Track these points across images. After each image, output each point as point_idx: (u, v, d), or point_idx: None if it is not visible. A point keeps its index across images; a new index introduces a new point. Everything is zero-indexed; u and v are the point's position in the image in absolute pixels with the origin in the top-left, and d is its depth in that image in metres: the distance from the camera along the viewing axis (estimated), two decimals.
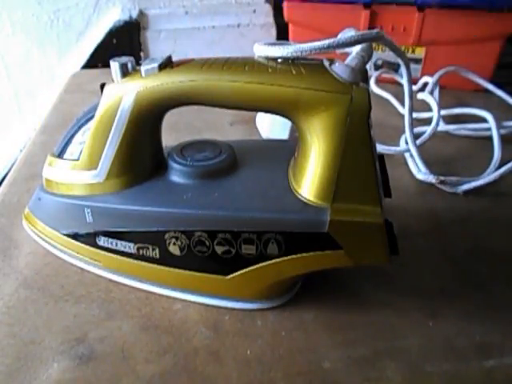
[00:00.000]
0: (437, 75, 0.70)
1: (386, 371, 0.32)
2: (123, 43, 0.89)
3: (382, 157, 0.36)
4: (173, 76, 0.31)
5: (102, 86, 0.33)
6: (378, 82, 0.75)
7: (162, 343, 0.33)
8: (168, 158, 0.35)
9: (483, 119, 0.61)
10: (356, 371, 0.32)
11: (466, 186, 0.50)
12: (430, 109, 0.62)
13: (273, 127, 0.56)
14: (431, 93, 0.68)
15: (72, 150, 0.35)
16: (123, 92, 0.32)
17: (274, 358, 0.32)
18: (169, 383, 0.31)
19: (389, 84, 0.75)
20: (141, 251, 0.35)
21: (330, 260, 0.32)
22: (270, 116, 0.55)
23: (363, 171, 0.30)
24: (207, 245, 0.33)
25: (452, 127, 0.63)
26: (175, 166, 0.34)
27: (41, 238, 0.38)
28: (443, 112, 0.64)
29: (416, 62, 0.76)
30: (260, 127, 0.60)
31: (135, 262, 0.35)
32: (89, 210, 0.34)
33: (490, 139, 0.57)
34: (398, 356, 0.33)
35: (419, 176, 0.52)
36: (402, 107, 0.69)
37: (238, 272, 0.34)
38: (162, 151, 0.37)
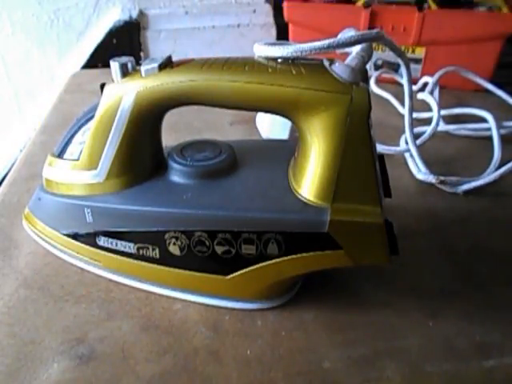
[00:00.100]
0: (437, 75, 0.70)
1: (386, 371, 0.32)
2: (123, 43, 0.89)
3: (382, 157, 0.36)
4: (173, 76, 0.31)
5: (102, 86, 0.33)
6: (378, 82, 0.75)
7: (162, 343, 0.33)
8: (168, 158, 0.35)
9: (483, 119, 0.61)
10: (356, 371, 0.32)
11: (466, 186, 0.50)
12: (430, 109, 0.62)
13: (273, 127, 0.56)
14: (431, 93, 0.68)
15: (72, 150, 0.35)
16: (123, 92, 0.32)
17: (274, 357, 0.32)
18: (169, 383, 0.31)
19: (389, 84, 0.75)
20: (141, 251, 0.35)
21: (330, 260, 0.32)
22: (269, 116, 0.55)
23: (363, 171, 0.30)
24: (207, 245, 0.33)
25: (452, 127, 0.63)
26: (175, 166, 0.34)
27: (41, 238, 0.38)
28: (443, 112, 0.64)
29: (416, 61, 0.76)
30: (260, 127, 0.60)
31: (135, 261, 0.35)
32: (89, 210, 0.34)
33: (490, 139, 0.57)
34: (398, 356, 0.33)
35: (419, 176, 0.52)
36: (402, 107, 0.68)
37: (238, 272, 0.34)
38: (162, 151, 0.37)
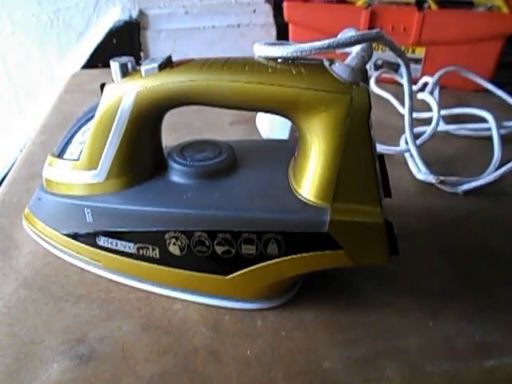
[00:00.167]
0: (437, 75, 0.70)
1: (385, 371, 0.32)
2: (123, 43, 0.89)
3: (382, 157, 0.36)
4: (173, 76, 0.31)
5: (102, 86, 0.33)
6: (378, 82, 0.75)
7: (162, 343, 0.33)
8: (168, 158, 0.35)
9: (483, 119, 0.61)
10: (356, 371, 0.32)
11: (466, 186, 0.50)
12: (430, 109, 0.62)
13: (273, 127, 0.56)
14: (431, 93, 0.68)
15: (72, 150, 0.35)
16: (123, 92, 0.32)
17: (274, 358, 0.32)
18: (169, 383, 0.31)
19: (389, 84, 0.75)
20: (141, 251, 0.35)
21: (330, 260, 0.32)
22: (269, 116, 0.55)
23: (363, 171, 0.30)
24: (207, 245, 0.33)
25: (452, 127, 0.63)
26: (175, 166, 0.34)
27: (41, 238, 0.38)
28: (443, 112, 0.64)
29: (416, 61, 0.76)
30: (260, 127, 0.60)
31: (135, 261, 0.35)
32: (89, 210, 0.34)
33: (490, 139, 0.57)
34: (398, 356, 0.33)
35: (419, 176, 0.52)
36: (402, 107, 0.68)
37: (238, 272, 0.34)
38: (162, 151, 0.37)
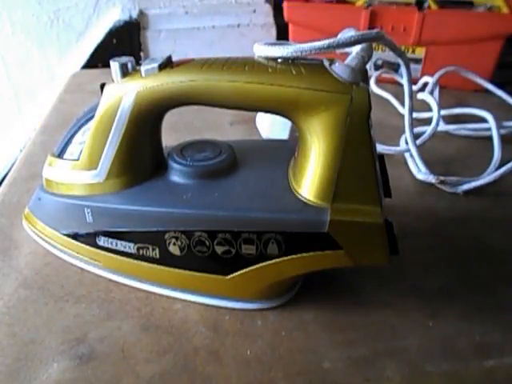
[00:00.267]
0: (437, 75, 0.70)
1: (385, 371, 0.32)
2: (123, 43, 0.89)
3: (382, 157, 0.36)
4: (173, 76, 0.31)
5: (102, 86, 0.33)
6: (378, 82, 0.75)
7: (162, 343, 0.33)
8: (168, 158, 0.35)
9: (483, 119, 0.61)
10: (356, 371, 0.32)
11: (466, 186, 0.50)
12: (430, 109, 0.62)
13: (273, 127, 0.56)
14: (431, 93, 0.68)
15: (72, 150, 0.35)
16: (123, 92, 0.32)
17: (274, 357, 0.32)
18: (169, 383, 0.31)
19: (389, 84, 0.75)
20: (141, 251, 0.35)
21: (330, 260, 0.32)
22: (269, 116, 0.55)
23: (363, 171, 0.30)
24: (207, 245, 0.33)
25: (452, 127, 0.63)
26: (175, 166, 0.34)
27: (41, 238, 0.38)
28: (443, 112, 0.64)
29: (416, 62, 0.76)
30: (260, 127, 0.60)
31: (135, 261, 0.35)
32: (89, 210, 0.34)
33: (490, 139, 0.57)
34: (398, 356, 0.33)
35: (419, 176, 0.52)
36: (402, 107, 0.68)
37: (238, 272, 0.34)
38: (162, 151, 0.37)
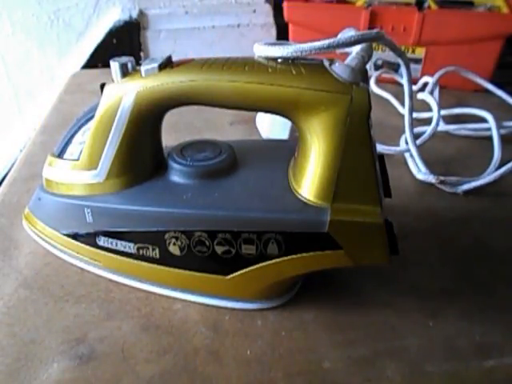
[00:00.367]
0: (437, 75, 0.70)
1: (385, 371, 0.32)
2: (123, 43, 0.89)
3: (382, 157, 0.36)
4: (173, 76, 0.31)
5: (102, 86, 0.33)
6: (378, 82, 0.75)
7: (162, 343, 0.33)
8: (168, 158, 0.35)
9: (483, 119, 0.61)
10: (356, 371, 0.32)
11: (466, 186, 0.50)
12: (430, 109, 0.62)
13: (273, 127, 0.56)
14: (431, 93, 0.68)
15: (72, 150, 0.35)
16: (123, 92, 0.32)
17: (274, 358, 0.32)
18: (169, 383, 0.31)
19: (389, 84, 0.75)
20: (141, 251, 0.35)
21: (330, 260, 0.32)
22: (269, 116, 0.55)
23: (363, 171, 0.30)
24: (207, 245, 0.33)
25: (452, 127, 0.63)
26: (175, 165, 0.34)
27: (41, 237, 0.38)
28: (443, 112, 0.64)
29: (416, 62, 0.76)
30: (260, 127, 0.60)
31: (135, 261, 0.35)
32: (89, 210, 0.34)
33: (490, 139, 0.57)
34: (398, 356, 0.33)
35: (419, 176, 0.52)
36: (402, 107, 0.68)
37: (238, 272, 0.34)
38: (162, 151, 0.37)
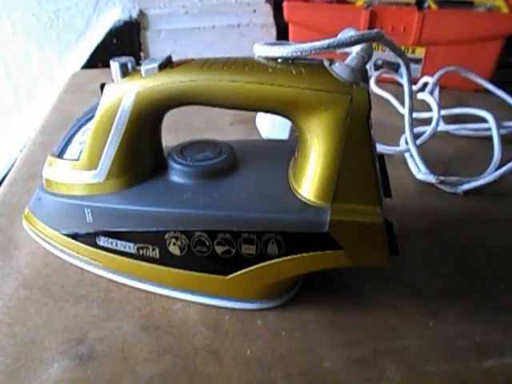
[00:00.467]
0: (437, 75, 0.70)
1: (385, 371, 0.32)
2: (123, 43, 0.89)
3: (382, 157, 0.36)
4: (173, 76, 0.31)
5: (102, 86, 0.33)
6: (378, 82, 0.75)
7: (162, 343, 0.33)
8: (168, 158, 0.35)
9: (483, 119, 0.61)
10: (356, 371, 0.32)
11: (466, 186, 0.50)
12: (430, 109, 0.62)
13: (273, 127, 0.56)
14: (431, 93, 0.68)
15: (72, 150, 0.35)
16: (123, 92, 0.32)
17: (274, 357, 0.32)
18: (169, 383, 0.31)
19: (389, 84, 0.75)
20: (141, 251, 0.35)
21: (330, 260, 0.32)
22: (270, 116, 0.55)
23: (363, 171, 0.30)
24: (207, 245, 0.33)
25: (452, 127, 0.63)
26: (175, 165, 0.34)
27: (41, 237, 0.38)
28: (443, 112, 0.64)
29: (416, 62, 0.76)
30: (260, 127, 0.60)
31: (135, 261, 0.35)
32: (89, 210, 0.34)
33: (490, 139, 0.57)
34: (398, 356, 0.33)
35: (419, 176, 0.52)
36: (402, 107, 0.68)
37: (238, 272, 0.34)
38: (162, 151, 0.37)
